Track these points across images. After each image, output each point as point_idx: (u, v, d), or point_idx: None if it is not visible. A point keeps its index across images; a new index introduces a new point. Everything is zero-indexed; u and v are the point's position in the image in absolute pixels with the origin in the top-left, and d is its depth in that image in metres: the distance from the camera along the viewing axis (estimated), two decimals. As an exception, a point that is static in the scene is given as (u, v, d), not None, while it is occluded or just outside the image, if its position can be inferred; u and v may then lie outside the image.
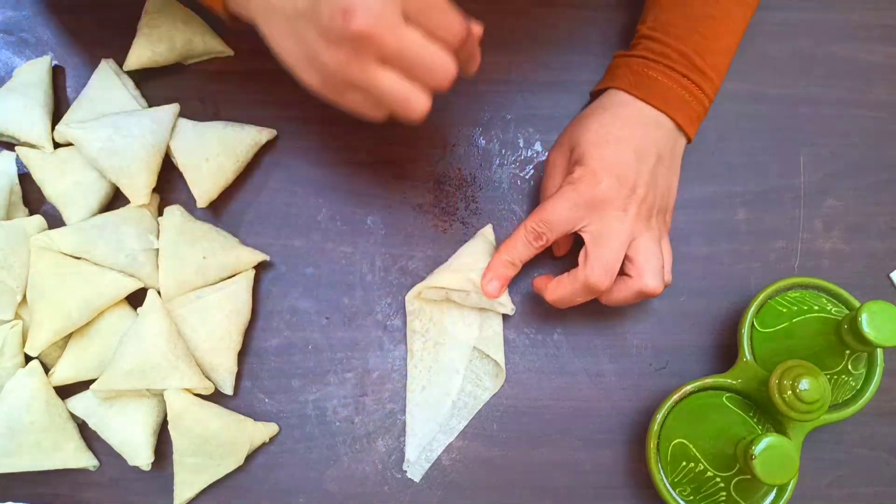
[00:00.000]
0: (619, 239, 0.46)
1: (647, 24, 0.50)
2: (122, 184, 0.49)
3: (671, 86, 0.48)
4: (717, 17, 0.49)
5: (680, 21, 0.49)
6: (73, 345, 0.48)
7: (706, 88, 0.49)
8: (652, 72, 0.48)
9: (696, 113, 0.49)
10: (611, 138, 0.47)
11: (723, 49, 0.49)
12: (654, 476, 0.46)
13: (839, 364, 0.47)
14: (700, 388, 0.48)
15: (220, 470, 0.48)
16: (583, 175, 0.46)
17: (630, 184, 0.46)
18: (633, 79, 0.49)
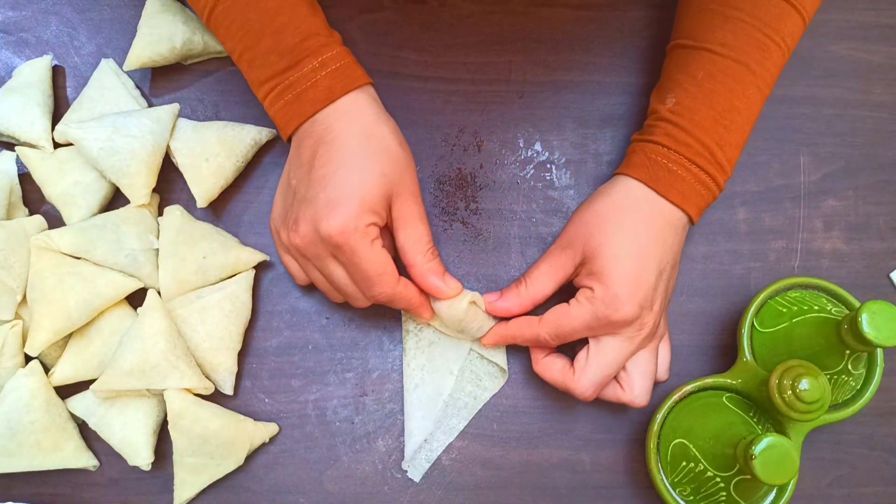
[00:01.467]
0: (623, 357, 0.46)
1: (668, 105, 0.48)
2: (122, 184, 0.49)
3: (690, 180, 0.46)
4: (741, 110, 0.47)
5: (705, 111, 0.46)
6: (72, 345, 0.48)
7: (720, 181, 0.47)
8: (672, 164, 0.46)
9: (706, 203, 0.47)
10: (633, 252, 0.45)
11: (740, 143, 0.48)
12: (654, 476, 0.46)
13: (839, 364, 0.47)
14: (700, 388, 0.48)
15: (220, 470, 0.48)
16: (605, 297, 0.44)
17: (649, 304, 0.45)
18: (651, 170, 0.47)
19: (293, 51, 0.45)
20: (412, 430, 0.50)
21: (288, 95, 0.46)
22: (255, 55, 0.46)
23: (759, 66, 0.47)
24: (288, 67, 0.45)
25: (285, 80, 0.45)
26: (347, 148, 0.44)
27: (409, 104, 0.55)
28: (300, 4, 0.46)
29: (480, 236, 0.53)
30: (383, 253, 0.44)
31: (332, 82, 0.45)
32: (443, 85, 0.55)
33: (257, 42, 0.45)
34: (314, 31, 0.46)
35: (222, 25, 0.46)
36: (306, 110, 0.45)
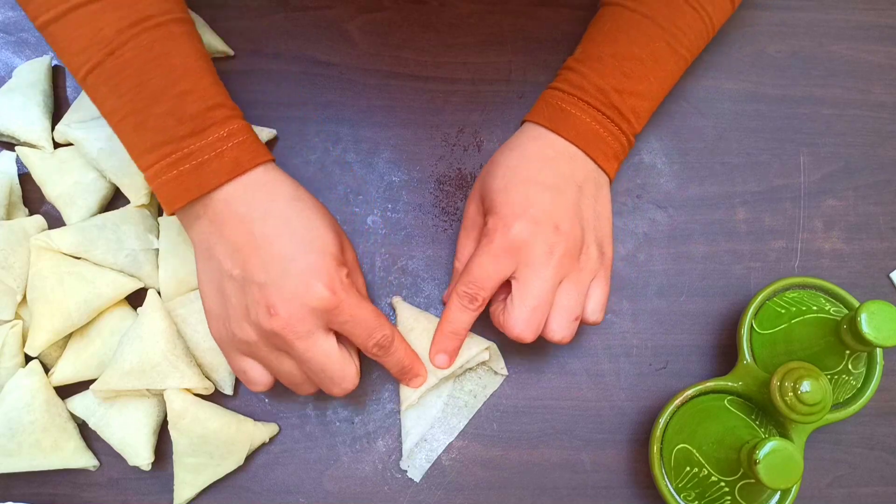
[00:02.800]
0: (542, 284, 0.44)
1: (575, 55, 0.49)
2: (122, 184, 0.49)
3: (585, 119, 0.46)
4: (644, 60, 0.47)
5: (605, 57, 0.47)
6: (72, 345, 0.48)
7: (624, 128, 0.47)
8: (566, 104, 0.47)
9: (612, 150, 0.47)
10: (518, 180, 0.45)
11: (644, 92, 0.47)
12: (658, 482, 0.46)
13: (839, 364, 0.47)
14: (701, 392, 0.48)
15: (220, 470, 0.48)
16: (495, 224, 0.44)
17: (550, 221, 0.44)
18: (547, 112, 0.47)
19: (196, 118, 0.41)
20: (409, 429, 0.50)
21: (185, 165, 0.41)
22: (147, 118, 0.41)
23: (668, 22, 0.47)
24: (189, 135, 0.41)
25: (183, 149, 0.41)
26: (287, 216, 0.42)
27: (409, 104, 0.55)
28: (206, 73, 0.43)
29: (480, 236, 0.53)
30: (369, 301, 0.44)
31: (238, 154, 0.42)
32: (443, 85, 0.55)
33: (152, 104, 0.41)
34: (220, 102, 0.42)
35: (110, 81, 0.41)
36: (208, 182, 0.41)
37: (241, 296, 0.42)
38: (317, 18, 0.56)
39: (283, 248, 0.41)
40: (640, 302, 0.53)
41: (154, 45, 0.41)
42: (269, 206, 0.42)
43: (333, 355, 0.43)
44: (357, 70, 0.55)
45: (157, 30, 0.41)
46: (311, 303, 0.41)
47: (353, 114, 0.55)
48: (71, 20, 0.40)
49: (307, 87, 0.55)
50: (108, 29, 0.40)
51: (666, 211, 0.54)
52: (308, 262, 0.41)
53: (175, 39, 0.41)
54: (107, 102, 0.42)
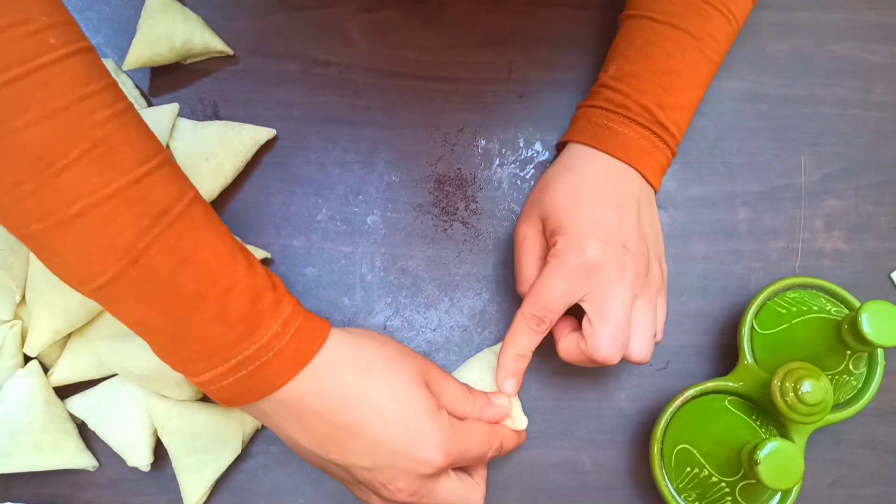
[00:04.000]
0: (622, 304, 0.43)
1: (610, 72, 0.49)
2: (122, 184, 0.49)
3: (632, 136, 0.46)
4: (681, 72, 0.47)
5: (643, 74, 0.47)
6: (72, 345, 0.48)
7: (668, 141, 0.47)
8: (613, 123, 0.47)
9: (659, 164, 0.47)
10: (583, 199, 0.45)
11: (684, 104, 0.48)
12: (658, 482, 0.46)
13: (840, 364, 0.47)
14: (702, 393, 0.48)
15: (221, 462, 0.48)
16: (567, 245, 0.43)
17: (619, 241, 0.43)
18: (593, 131, 0.47)
19: (245, 318, 0.36)
20: None
21: (241, 371, 0.37)
22: (188, 328, 0.36)
23: (700, 30, 0.47)
24: (240, 339, 0.36)
25: (237, 355, 0.36)
26: (365, 394, 0.39)
27: (409, 104, 0.55)
28: (240, 259, 0.38)
29: (480, 236, 0.53)
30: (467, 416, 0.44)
31: (297, 344, 0.38)
32: (443, 84, 0.55)
33: (193, 313, 0.35)
34: (263, 288, 0.38)
35: (137, 292, 0.35)
36: (271, 384, 0.37)
37: (349, 473, 0.40)
38: (316, 18, 0.56)
39: (377, 430, 0.38)
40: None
41: (180, 242, 0.35)
42: (342, 391, 0.38)
43: (458, 491, 0.42)
44: (357, 69, 0.55)
45: (179, 223, 0.35)
46: (427, 472, 0.39)
47: (353, 113, 0.54)
48: (77, 228, 0.33)
49: (307, 86, 0.55)
50: (128, 232, 0.34)
51: (666, 211, 0.54)
52: (408, 436, 0.39)
53: (198, 229, 0.36)
54: (134, 313, 0.36)
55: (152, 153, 0.35)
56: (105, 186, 0.33)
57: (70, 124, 0.32)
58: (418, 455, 0.39)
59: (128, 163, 0.34)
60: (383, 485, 0.39)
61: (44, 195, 0.32)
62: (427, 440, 0.39)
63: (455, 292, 0.52)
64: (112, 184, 0.33)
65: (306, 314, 0.40)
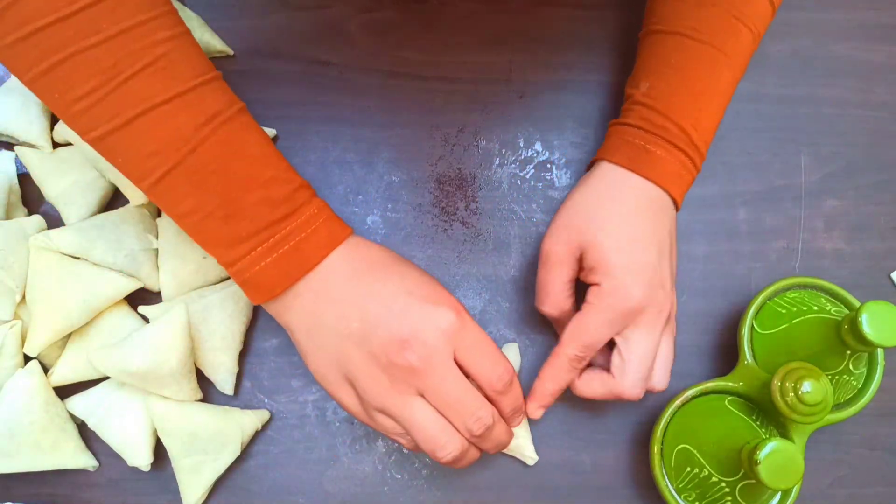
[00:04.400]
0: (654, 343, 0.45)
1: (642, 89, 0.47)
2: (122, 184, 0.49)
3: (669, 160, 0.46)
4: (714, 93, 0.47)
5: (681, 93, 0.46)
6: (72, 345, 0.48)
7: (697, 163, 0.47)
8: (651, 145, 0.46)
9: (686, 185, 0.47)
10: (630, 239, 0.44)
11: (714, 126, 0.48)
12: (658, 482, 0.46)
13: (840, 364, 0.47)
14: (702, 393, 0.48)
15: (220, 464, 0.48)
16: (612, 290, 0.44)
17: (659, 282, 0.44)
18: (631, 153, 0.46)
19: (287, 201, 0.41)
20: None
21: (284, 247, 0.41)
22: (241, 207, 0.40)
23: (731, 49, 0.47)
24: (283, 217, 0.41)
25: (281, 230, 0.41)
26: (393, 261, 0.43)
27: (410, 104, 0.55)
28: (281, 158, 0.43)
29: (480, 236, 0.53)
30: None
31: (331, 226, 0.42)
32: (443, 84, 0.55)
33: (244, 193, 0.40)
34: (301, 183, 0.43)
35: (193, 178, 0.40)
36: (311, 257, 0.41)
37: (364, 349, 0.40)
38: (316, 18, 0.56)
39: (398, 285, 0.41)
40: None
41: (231, 137, 0.40)
42: (371, 260, 0.42)
43: (466, 386, 0.41)
44: (357, 69, 0.55)
45: (230, 123, 0.40)
46: (441, 325, 0.40)
47: (353, 113, 0.54)
48: (141, 125, 0.38)
49: (307, 86, 0.55)
50: (186, 128, 0.39)
51: (666, 211, 0.54)
52: (427, 289, 0.41)
53: (246, 130, 0.41)
54: (187, 201, 0.40)
55: (206, 70, 0.40)
56: (166, 92, 0.38)
57: (136, 42, 0.37)
58: (434, 307, 0.40)
59: (186, 75, 0.39)
60: (399, 342, 0.39)
61: (112, 100, 0.38)
62: (445, 298, 0.41)
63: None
64: (172, 90, 0.38)
65: (335, 214, 0.44)
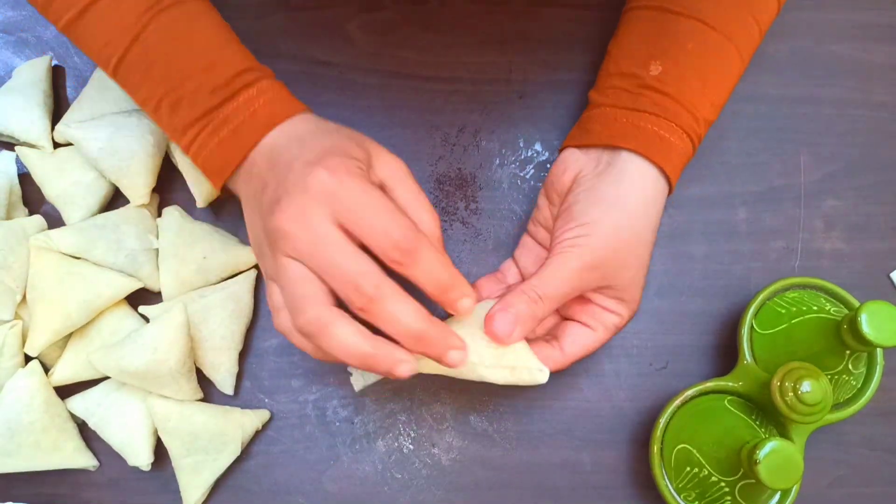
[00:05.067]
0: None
1: (653, 72, 0.45)
2: (122, 184, 0.49)
3: (680, 147, 0.45)
4: (725, 86, 0.46)
5: (694, 82, 0.45)
6: (72, 345, 0.48)
7: (695, 150, 0.46)
8: (664, 132, 0.44)
9: (682, 168, 0.47)
10: (645, 259, 0.44)
11: (715, 118, 0.47)
12: (658, 482, 0.46)
13: (839, 364, 0.47)
14: (702, 392, 0.48)
15: (220, 464, 0.48)
16: (628, 318, 0.45)
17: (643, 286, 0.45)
18: (647, 141, 0.44)
19: (227, 85, 0.42)
20: None
21: (223, 131, 0.42)
22: (181, 96, 0.42)
23: (742, 42, 0.46)
24: (222, 102, 0.41)
25: (220, 115, 0.41)
26: (325, 130, 0.42)
27: (409, 104, 0.55)
28: (229, 43, 0.43)
29: (480, 236, 0.53)
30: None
31: (273, 109, 0.42)
32: (443, 85, 0.55)
33: (183, 82, 0.42)
34: (247, 67, 0.43)
35: (138, 70, 0.42)
36: (248, 141, 0.41)
37: (258, 208, 0.40)
38: (316, 18, 0.56)
39: (309, 153, 0.39)
40: (641, 302, 0.53)
41: (174, 24, 0.42)
42: (307, 132, 0.42)
43: (346, 249, 0.36)
44: (357, 70, 0.55)
45: (172, 10, 0.42)
46: (310, 185, 0.37)
47: (353, 113, 0.54)
48: (93, 15, 0.42)
49: (307, 86, 0.55)
50: (129, 16, 0.41)
51: (666, 211, 0.54)
52: (327, 153, 0.39)
53: (191, 17, 0.43)
54: (141, 90, 0.43)
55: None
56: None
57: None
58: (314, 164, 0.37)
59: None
60: (271, 207, 0.38)
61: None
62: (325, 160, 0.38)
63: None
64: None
65: (286, 94, 0.44)
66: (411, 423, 0.51)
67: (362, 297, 0.36)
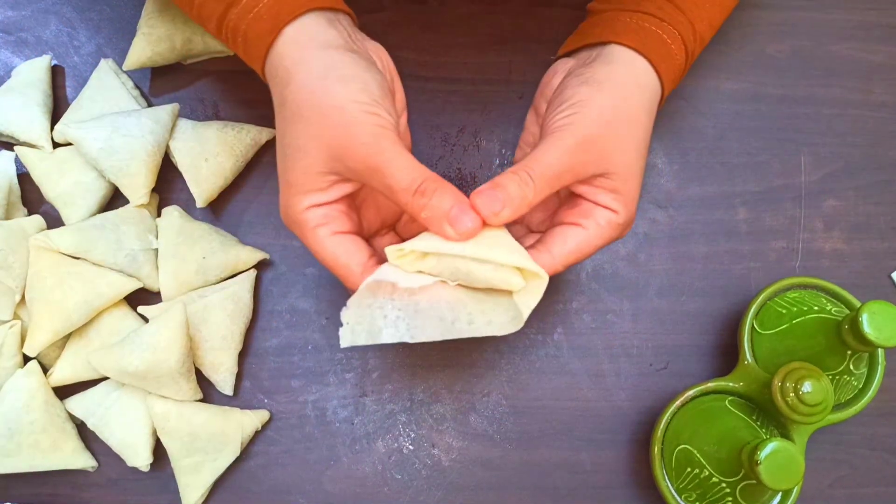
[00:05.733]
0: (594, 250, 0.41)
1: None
2: (122, 184, 0.49)
3: (679, 57, 0.42)
4: (727, 4, 0.45)
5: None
6: (71, 345, 0.48)
7: (690, 64, 0.44)
8: (668, 37, 0.42)
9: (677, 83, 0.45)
10: (640, 153, 0.40)
11: (712, 35, 0.45)
12: (659, 483, 0.46)
13: (840, 364, 0.47)
14: (702, 393, 0.48)
15: (219, 464, 0.48)
16: (626, 219, 0.40)
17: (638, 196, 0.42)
18: (648, 41, 0.41)
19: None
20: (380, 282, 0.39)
21: (238, 37, 0.40)
22: (193, 7, 0.41)
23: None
24: (227, 7, 0.39)
25: (229, 25, 0.40)
26: (293, 104, 0.38)
27: (409, 104, 0.54)
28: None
29: (480, 236, 0.53)
30: (333, 243, 0.38)
31: (277, 9, 0.39)
32: (443, 85, 0.55)
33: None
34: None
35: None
36: (258, 48, 0.39)
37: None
38: (317, 18, 0.56)
39: (279, 146, 0.39)
40: (641, 302, 0.53)
41: None
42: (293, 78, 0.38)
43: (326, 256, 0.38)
44: (357, 70, 0.55)
45: None
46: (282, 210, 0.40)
47: (353, 114, 0.54)
48: None
49: (307, 86, 0.55)
50: None
51: (666, 211, 0.54)
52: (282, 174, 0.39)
53: None
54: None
55: None
56: None
57: None
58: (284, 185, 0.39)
59: None
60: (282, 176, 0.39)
61: None
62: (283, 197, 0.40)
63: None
64: None
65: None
66: (411, 424, 0.51)
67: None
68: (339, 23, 0.41)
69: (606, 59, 0.41)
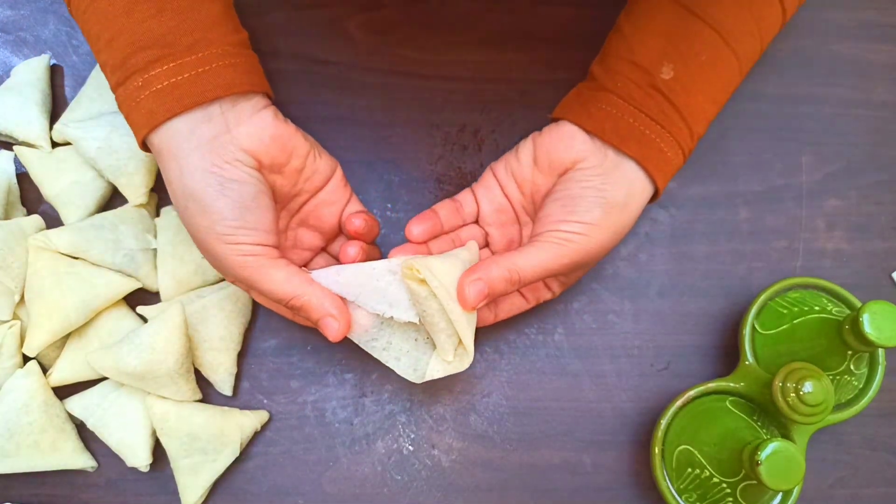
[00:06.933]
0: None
1: (665, 76, 0.43)
2: (120, 183, 0.49)
3: (674, 160, 0.44)
4: (723, 102, 0.46)
5: (700, 96, 0.44)
6: (70, 345, 0.48)
7: (685, 161, 0.46)
8: (665, 145, 0.44)
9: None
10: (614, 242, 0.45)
11: (706, 129, 0.46)
12: (659, 483, 0.46)
13: (841, 364, 0.47)
14: (703, 393, 0.48)
15: (218, 465, 0.48)
16: (556, 294, 0.48)
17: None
18: (645, 150, 0.43)
19: (120, 68, 0.40)
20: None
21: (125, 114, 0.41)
22: (101, 63, 0.42)
23: (746, 60, 0.46)
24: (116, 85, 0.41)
25: (118, 97, 0.41)
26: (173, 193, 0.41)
27: (409, 103, 0.55)
28: (140, 14, 0.39)
29: (481, 236, 0.53)
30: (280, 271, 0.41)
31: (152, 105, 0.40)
32: (443, 83, 0.55)
33: (97, 53, 0.41)
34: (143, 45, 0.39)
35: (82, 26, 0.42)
36: (138, 135, 0.41)
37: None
38: (316, 17, 0.56)
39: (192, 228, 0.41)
40: (642, 302, 0.53)
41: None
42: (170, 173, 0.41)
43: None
44: (357, 68, 0.55)
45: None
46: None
47: (353, 112, 0.54)
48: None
49: (306, 85, 0.55)
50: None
51: (667, 210, 0.54)
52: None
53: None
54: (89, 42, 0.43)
55: None
56: None
57: None
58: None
59: None
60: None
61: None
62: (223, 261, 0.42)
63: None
64: None
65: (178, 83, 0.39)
66: (411, 425, 0.50)
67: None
68: (221, 116, 0.41)
69: (625, 182, 0.44)
